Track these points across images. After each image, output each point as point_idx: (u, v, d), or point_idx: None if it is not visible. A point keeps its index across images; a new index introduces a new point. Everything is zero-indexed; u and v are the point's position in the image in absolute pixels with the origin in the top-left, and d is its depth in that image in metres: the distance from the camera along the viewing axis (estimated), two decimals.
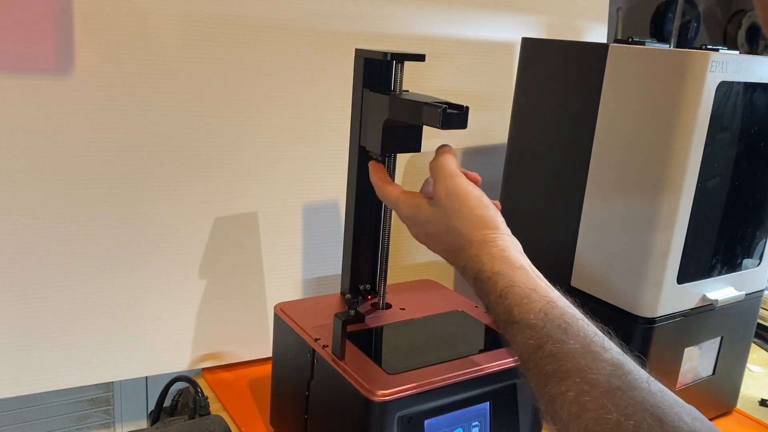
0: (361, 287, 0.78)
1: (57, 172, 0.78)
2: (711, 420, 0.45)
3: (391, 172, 0.70)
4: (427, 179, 0.66)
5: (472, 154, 1.07)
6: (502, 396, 0.66)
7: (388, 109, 0.66)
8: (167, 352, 0.90)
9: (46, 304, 0.81)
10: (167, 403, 0.82)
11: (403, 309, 0.76)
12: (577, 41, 1.00)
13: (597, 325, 0.51)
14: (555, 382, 0.48)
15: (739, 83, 0.73)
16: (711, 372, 0.87)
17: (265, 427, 0.82)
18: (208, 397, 0.78)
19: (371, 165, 0.69)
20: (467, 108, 0.61)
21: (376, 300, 0.77)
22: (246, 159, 0.89)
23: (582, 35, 1.16)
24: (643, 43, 0.76)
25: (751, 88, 0.75)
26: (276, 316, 0.75)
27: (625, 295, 0.78)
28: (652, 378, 0.47)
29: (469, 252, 0.57)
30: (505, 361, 0.65)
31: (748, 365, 0.95)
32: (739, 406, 0.93)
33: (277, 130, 0.90)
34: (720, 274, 0.82)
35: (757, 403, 0.96)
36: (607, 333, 0.51)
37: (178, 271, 0.88)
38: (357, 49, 0.71)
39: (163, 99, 0.82)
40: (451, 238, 0.59)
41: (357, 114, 0.71)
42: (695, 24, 1.62)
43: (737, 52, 0.74)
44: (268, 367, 0.80)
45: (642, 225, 0.75)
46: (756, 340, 1.11)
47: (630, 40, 0.78)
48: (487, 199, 0.61)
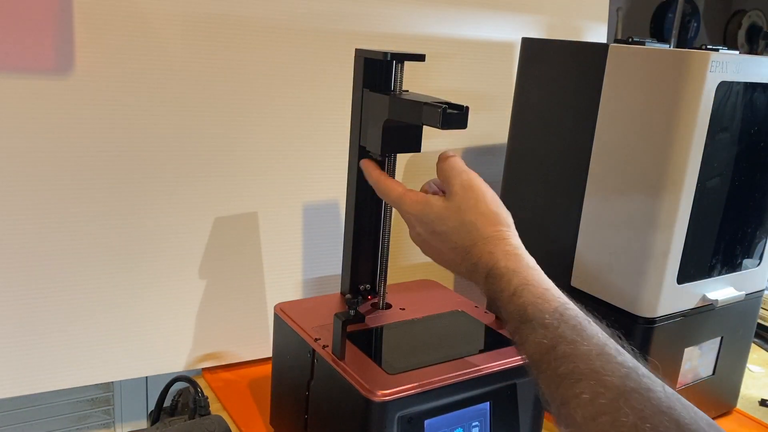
0: (361, 287, 0.78)
1: (57, 172, 0.78)
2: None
3: (391, 172, 0.70)
4: (428, 181, 0.65)
5: (472, 154, 1.07)
6: (502, 396, 0.66)
7: (388, 109, 0.66)
8: (167, 352, 0.90)
9: (46, 304, 0.81)
10: (167, 403, 0.82)
11: (403, 309, 0.76)
12: (577, 41, 1.00)
13: (607, 330, 0.51)
14: (568, 383, 0.47)
15: (739, 83, 0.73)
16: (711, 372, 0.87)
17: (265, 427, 0.82)
18: (208, 397, 0.78)
19: (365, 163, 0.68)
20: (467, 108, 0.61)
21: (376, 300, 0.77)
22: (246, 159, 0.89)
23: (582, 35, 1.16)
24: (643, 43, 0.76)
25: (751, 88, 0.75)
26: (276, 316, 0.75)
27: (625, 295, 0.78)
28: (665, 383, 0.46)
29: (483, 247, 0.57)
30: (505, 361, 0.65)
31: (748, 365, 0.95)
32: (739, 406, 0.93)
33: (277, 130, 0.90)
34: (720, 274, 0.82)
35: (757, 403, 0.96)
36: (617, 337, 0.50)
37: (178, 271, 0.88)
38: (357, 49, 0.71)
39: (163, 99, 0.82)
40: (463, 234, 0.58)
41: (357, 114, 0.71)
42: (695, 24, 1.62)
43: (737, 52, 0.74)
44: (268, 367, 0.80)
45: (642, 225, 0.75)
46: (756, 340, 1.11)
47: (630, 40, 0.77)
48: (499, 198, 0.60)
